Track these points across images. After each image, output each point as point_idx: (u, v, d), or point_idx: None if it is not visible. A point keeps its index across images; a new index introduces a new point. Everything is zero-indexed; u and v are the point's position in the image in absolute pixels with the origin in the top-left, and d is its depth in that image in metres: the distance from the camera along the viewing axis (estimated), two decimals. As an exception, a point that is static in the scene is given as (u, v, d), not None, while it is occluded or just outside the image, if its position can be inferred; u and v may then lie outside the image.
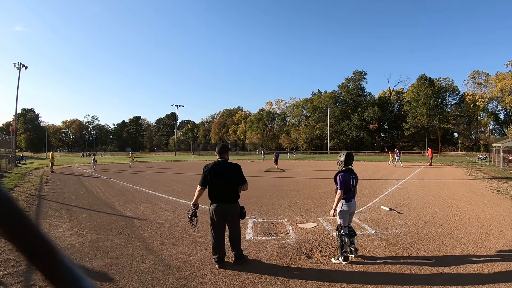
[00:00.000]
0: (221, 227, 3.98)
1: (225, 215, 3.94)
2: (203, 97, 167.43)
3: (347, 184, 4.26)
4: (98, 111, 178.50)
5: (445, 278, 3.55)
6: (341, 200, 4.26)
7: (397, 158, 23.42)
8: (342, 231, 4.18)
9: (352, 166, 4.48)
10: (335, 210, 4.34)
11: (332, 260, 4.20)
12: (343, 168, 4.41)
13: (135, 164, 28.57)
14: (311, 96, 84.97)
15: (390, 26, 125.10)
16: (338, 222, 4.30)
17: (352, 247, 4.27)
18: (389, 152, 29.15)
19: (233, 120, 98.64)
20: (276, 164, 23.05)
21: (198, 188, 4.06)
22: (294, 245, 4.75)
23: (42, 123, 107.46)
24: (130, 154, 30.21)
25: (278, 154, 25.35)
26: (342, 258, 4.10)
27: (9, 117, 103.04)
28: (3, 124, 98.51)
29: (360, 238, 5.09)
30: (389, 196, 9.43)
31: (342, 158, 4.43)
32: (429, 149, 27.78)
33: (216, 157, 4.16)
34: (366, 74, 77.51)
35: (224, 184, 3.92)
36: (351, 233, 4.27)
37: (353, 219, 5.22)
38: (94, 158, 22.83)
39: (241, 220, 4.13)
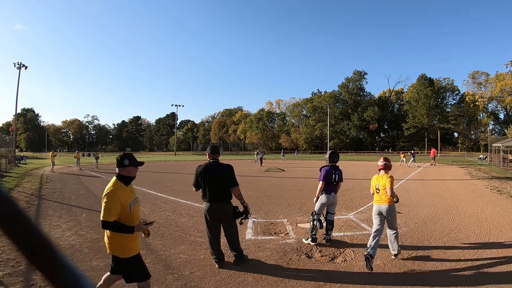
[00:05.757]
0: (215, 226, 3.99)
1: (217, 215, 3.96)
2: (203, 97, 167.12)
3: (329, 177, 4.78)
4: (98, 111, 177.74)
5: (445, 278, 3.55)
6: (323, 191, 4.78)
7: (412, 158, 23.32)
8: (315, 216, 4.74)
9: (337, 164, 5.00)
10: (317, 198, 4.87)
11: (303, 240, 4.84)
12: (329, 164, 4.93)
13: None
14: (311, 96, 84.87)
15: (390, 26, 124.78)
16: (315, 209, 4.85)
17: (327, 236, 4.80)
18: (401, 152, 28.89)
19: (233, 120, 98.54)
20: (261, 165, 22.92)
21: (194, 189, 4.14)
22: (294, 245, 4.75)
23: (42, 123, 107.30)
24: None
25: (263, 154, 25.40)
26: (310, 239, 4.70)
27: (9, 117, 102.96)
28: (3, 124, 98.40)
29: (360, 238, 5.10)
30: (389, 196, 9.42)
31: (327, 156, 5.07)
32: (433, 149, 27.66)
33: (207, 158, 4.16)
34: (366, 74, 77.61)
35: (215, 184, 3.93)
36: (328, 227, 4.81)
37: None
38: (97, 157, 23.00)
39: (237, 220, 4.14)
